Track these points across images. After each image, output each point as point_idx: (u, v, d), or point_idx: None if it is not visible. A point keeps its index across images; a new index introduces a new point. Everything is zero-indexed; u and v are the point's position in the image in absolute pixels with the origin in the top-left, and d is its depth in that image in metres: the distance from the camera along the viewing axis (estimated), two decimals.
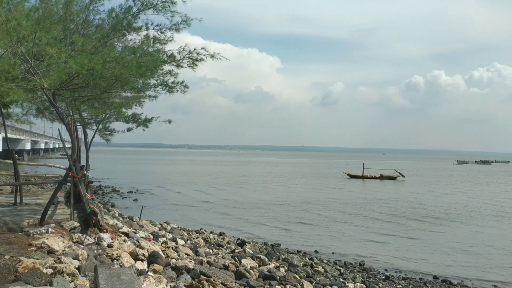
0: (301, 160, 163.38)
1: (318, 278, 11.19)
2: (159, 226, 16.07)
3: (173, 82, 10.43)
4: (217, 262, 9.50)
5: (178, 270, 7.90)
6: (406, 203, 32.52)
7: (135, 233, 10.77)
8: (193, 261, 8.72)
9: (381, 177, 59.78)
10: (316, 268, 12.67)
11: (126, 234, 9.94)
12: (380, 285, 11.90)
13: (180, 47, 8.72)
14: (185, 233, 15.48)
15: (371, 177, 60.39)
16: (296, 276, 10.43)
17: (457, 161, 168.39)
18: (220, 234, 17.64)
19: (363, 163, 67.94)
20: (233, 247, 13.99)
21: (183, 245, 11.43)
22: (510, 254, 17.01)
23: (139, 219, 16.02)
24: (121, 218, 14.72)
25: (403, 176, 59.66)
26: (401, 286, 12.28)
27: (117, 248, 8.07)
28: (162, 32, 9.37)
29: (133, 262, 7.74)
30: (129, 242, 8.99)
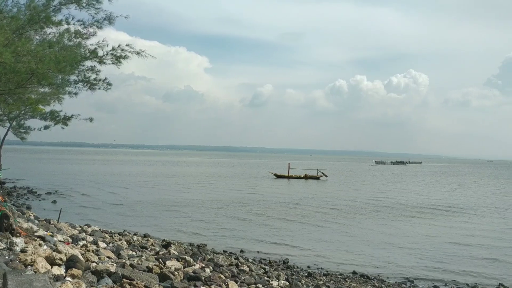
0: (229, 160, 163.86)
1: (243, 277, 11.29)
2: (79, 228, 15.35)
3: (95, 79, 10.01)
4: (141, 264, 9.27)
5: (99, 274, 7.61)
6: (327, 201, 33.80)
7: (52, 236, 10.21)
8: (115, 264, 8.44)
9: (306, 177, 61.73)
10: (242, 268, 12.78)
11: (42, 238, 9.39)
12: (303, 281, 12.26)
13: (100, 41, 8.39)
14: (107, 235, 14.93)
15: (296, 177, 62.13)
16: (221, 276, 10.45)
17: (375, 161, 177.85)
18: (145, 236, 17.23)
19: (289, 164, 69.83)
20: (158, 249, 13.72)
21: (104, 248, 11.02)
22: (423, 248, 18.28)
23: (57, 222, 15.22)
24: (37, 221, 13.86)
25: (326, 176, 62.09)
26: (322, 282, 12.74)
27: (32, 253, 7.60)
28: (85, 27, 8.98)
29: (49, 267, 7.33)
30: (45, 246, 8.50)
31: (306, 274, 13.76)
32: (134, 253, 11.50)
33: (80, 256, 8.43)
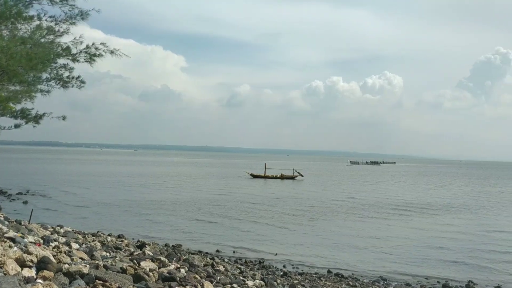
0: (205, 160, 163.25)
1: (218, 277, 11.27)
2: (51, 229, 15.02)
3: (68, 77, 9.80)
4: (115, 265, 9.14)
5: (71, 276, 7.47)
6: (303, 201, 34.03)
7: (23, 237, 9.97)
8: (88, 266, 8.30)
9: (282, 177, 62.01)
10: (217, 268, 12.76)
11: (12, 239, 9.15)
12: (278, 281, 12.32)
13: (74, 39, 8.22)
14: (80, 236, 14.67)
15: (272, 177, 62.34)
16: (197, 276, 10.40)
17: (350, 161, 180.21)
18: (119, 236, 17.00)
19: (265, 163, 70.13)
20: (132, 250, 13.57)
21: (77, 249, 10.82)
22: (396, 247, 18.60)
23: (28, 223, 14.85)
24: (6, 222, 13.50)
25: (302, 176, 62.51)
26: (297, 281, 12.82)
27: (1, 254, 7.40)
28: (57, 24, 8.78)
29: (19, 269, 7.15)
30: (15, 248, 8.29)
31: (281, 273, 13.83)
32: (108, 254, 11.34)
33: (52, 258, 8.26)
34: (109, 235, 16.90)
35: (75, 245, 11.51)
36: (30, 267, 7.50)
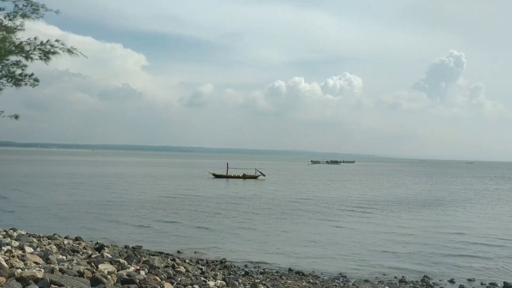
0: (166, 160, 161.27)
1: (179, 279, 11.16)
2: (4, 233, 14.43)
3: (20, 75, 9.45)
4: (71, 269, 8.90)
5: (24, 281, 7.22)
6: (265, 201, 34.25)
7: None
8: (42, 270, 8.04)
9: (244, 177, 62.16)
10: (178, 269, 12.63)
11: None
12: (240, 280, 12.33)
13: (29, 39, 7.95)
14: (35, 239, 14.16)
15: (234, 177, 62.40)
16: (157, 278, 10.27)
17: (311, 161, 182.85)
18: (76, 239, 16.52)
19: (227, 163, 70.13)
20: (90, 252, 13.22)
21: (31, 253, 10.45)
22: (355, 244, 19.01)
23: None
24: None
25: (264, 175, 62.90)
26: (259, 280, 12.88)
27: None
28: (10, 20, 8.45)
29: None
30: None
31: (243, 273, 13.86)
32: (64, 258, 11.01)
33: (4, 263, 7.95)
34: (66, 237, 16.41)
35: (29, 249, 11.12)
36: None
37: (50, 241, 14.68)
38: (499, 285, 13.67)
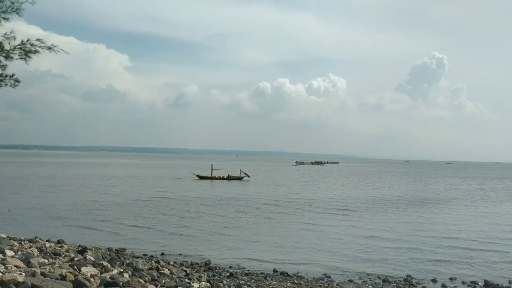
0: (150, 162, 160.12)
1: (163, 281, 11.09)
2: None
3: (1, 75, 9.28)
4: (53, 272, 8.78)
5: (5, 285, 7.11)
6: (249, 201, 34.25)
7: None
8: (23, 274, 7.92)
9: (229, 178, 62.10)
10: (162, 271, 12.55)
11: None
12: (225, 282, 12.31)
13: (5, 34, 7.79)
14: (16, 243, 13.92)
15: (219, 178, 62.27)
16: (141, 280, 10.19)
17: (296, 162, 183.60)
18: (58, 242, 16.29)
19: (212, 164, 70.02)
20: (73, 255, 13.05)
21: (12, 257, 10.28)
22: (339, 244, 19.13)
23: None
24: None
25: (248, 176, 62.94)
26: (244, 281, 12.87)
27: None
28: None
29: None
30: None
31: (228, 274, 13.83)
32: (46, 261, 10.86)
33: None
34: (47, 240, 16.16)
35: (9, 252, 10.95)
36: None
37: (31, 244, 14.46)
38: (480, 283, 13.89)
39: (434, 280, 14.21)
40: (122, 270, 11.16)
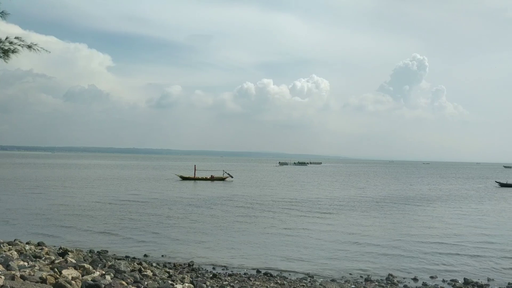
0: (131, 163, 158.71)
1: (146, 283, 11.02)
2: None
3: None
4: (33, 275, 8.66)
5: None
6: (232, 202, 34.22)
7: None
8: (3, 277, 7.79)
9: (212, 179, 61.95)
10: (145, 273, 12.47)
11: None
12: (208, 283, 12.29)
13: None
14: None
15: (202, 179, 62.09)
16: (123, 282, 10.11)
17: (279, 162, 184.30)
18: (39, 244, 16.05)
19: (195, 165, 69.82)
20: (53, 258, 12.87)
21: None
22: (322, 244, 19.26)
23: None
24: None
25: (232, 177, 62.92)
26: (227, 282, 12.87)
27: None
28: None
29: None
30: None
31: (211, 275, 13.81)
32: (26, 264, 10.69)
33: None
34: (27, 243, 15.91)
35: None
36: None
37: (10, 247, 14.20)
38: (459, 281, 14.14)
39: (415, 279, 14.41)
40: (104, 272, 11.06)
